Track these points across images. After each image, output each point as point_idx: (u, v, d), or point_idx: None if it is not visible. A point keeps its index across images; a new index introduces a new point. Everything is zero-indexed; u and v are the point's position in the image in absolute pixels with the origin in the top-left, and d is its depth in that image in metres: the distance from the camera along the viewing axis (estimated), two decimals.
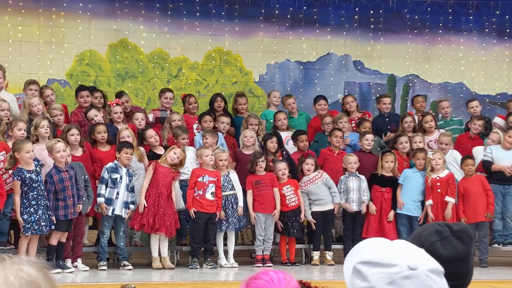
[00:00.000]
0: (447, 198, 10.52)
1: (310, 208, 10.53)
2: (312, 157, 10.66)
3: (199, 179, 9.90)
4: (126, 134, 10.11)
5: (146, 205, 9.62)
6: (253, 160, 10.27)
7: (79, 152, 9.79)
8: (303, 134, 11.18)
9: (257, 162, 10.23)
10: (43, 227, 8.84)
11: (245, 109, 11.97)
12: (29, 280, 1.47)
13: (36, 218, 8.80)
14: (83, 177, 9.52)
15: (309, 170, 10.51)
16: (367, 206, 10.63)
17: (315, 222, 10.49)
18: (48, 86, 11.53)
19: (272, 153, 10.78)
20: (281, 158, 10.71)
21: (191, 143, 10.80)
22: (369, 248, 1.80)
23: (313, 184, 10.55)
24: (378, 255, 1.72)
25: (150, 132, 10.46)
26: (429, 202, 10.56)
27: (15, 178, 8.87)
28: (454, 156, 11.04)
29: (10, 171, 9.00)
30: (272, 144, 10.79)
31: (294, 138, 11.15)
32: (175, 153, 9.79)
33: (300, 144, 11.05)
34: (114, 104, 10.82)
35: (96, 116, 10.58)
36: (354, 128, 11.73)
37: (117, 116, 10.70)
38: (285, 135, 11.30)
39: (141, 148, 10.27)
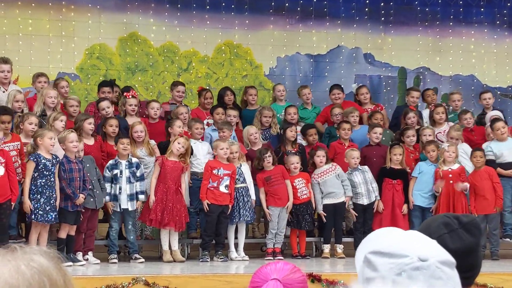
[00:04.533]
0: (463, 184, 10.47)
1: (322, 201, 10.50)
2: (323, 149, 10.63)
3: (214, 172, 9.87)
4: (140, 128, 10.10)
5: (154, 200, 9.63)
6: (260, 157, 10.23)
7: (91, 141, 9.87)
8: (312, 128, 11.15)
9: (263, 158, 10.19)
10: (47, 216, 8.86)
11: (255, 101, 11.96)
12: (41, 270, 1.46)
13: (38, 206, 8.85)
14: (95, 169, 9.57)
15: (321, 162, 10.48)
16: (377, 202, 10.62)
17: (325, 215, 10.47)
18: (63, 78, 11.55)
19: (290, 142, 10.75)
20: (295, 151, 10.68)
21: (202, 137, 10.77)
22: (381, 238, 1.80)
23: (326, 176, 10.51)
24: (389, 246, 1.72)
25: (178, 123, 10.30)
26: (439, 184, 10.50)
27: (31, 158, 8.94)
28: (464, 149, 11.03)
29: (18, 163, 9.09)
30: (291, 133, 10.74)
31: (304, 132, 11.13)
32: (179, 143, 9.77)
33: (309, 138, 11.02)
34: (130, 96, 10.80)
35: (109, 108, 10.57)
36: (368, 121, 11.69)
37: (131, 109, 10.67)
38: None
39: (152, 142, 10.25)
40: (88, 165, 9.48)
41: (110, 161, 9.69)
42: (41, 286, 1.45)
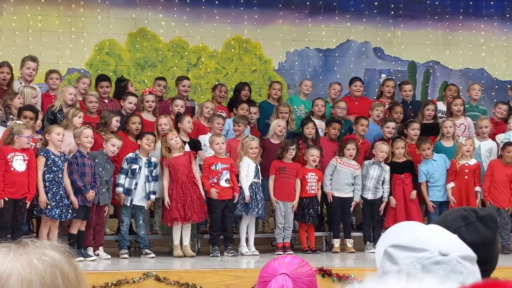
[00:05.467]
0: (477, 189, 10.52)
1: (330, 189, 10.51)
2: (353, 142, 10.60)
3: (212, 167, 9.88)
4: (164, 121, 10.07)
5: (169, 202, 9.64)
6: (285, 147, 10.22)
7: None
8: (337, 123, 11.11)
9: (288, 148, 10.18)
10: (51, 211, 8.89)
11: (278, 96, 11.95)
12: (53, 263, 1.47)
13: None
14: (112, 173, 9.59)
15: (351, 155, 10.45)
16: (387, 201, 10.61)
17: (333, 194, 10.45)
18: (87, 76, 11.56)
19: (309, 139, 10.73)
20: (316, 146, 10.67)
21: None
22: (402, 232, 1.80)
23: (345, 167, 10.48)
24: (410, 240, 1.72)
25: (188, 119, 10.33)
26: (450, 185, 10.54)
27: (41, 153, 8.96)
28: (492, 147, 10.95)
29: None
30: (308, 130, 10.72)
31: (329, 123, 11.11)
32: (171, 139, 9.75)
33: (332, 131, 10.96)
34: (147, 93, 10.78)
35: (135, 105, 10.55)
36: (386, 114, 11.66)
37: (148, 105, 10.62)
38: (317, 123, 11.20)
39: None
40: (109, 166, 9.50)
41: (130, 154, 9.64)
42: (54, 279, 1.45)
